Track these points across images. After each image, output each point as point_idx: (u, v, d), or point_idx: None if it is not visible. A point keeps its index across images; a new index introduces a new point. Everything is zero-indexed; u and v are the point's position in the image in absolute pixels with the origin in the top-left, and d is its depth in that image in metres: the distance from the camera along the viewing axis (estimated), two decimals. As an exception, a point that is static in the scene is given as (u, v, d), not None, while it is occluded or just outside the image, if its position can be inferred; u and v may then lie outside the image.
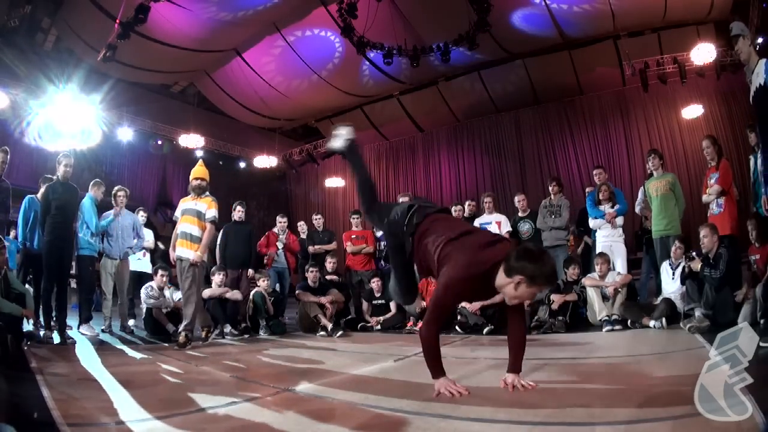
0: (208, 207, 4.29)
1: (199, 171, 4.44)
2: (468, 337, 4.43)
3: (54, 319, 4.38)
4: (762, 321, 3.14)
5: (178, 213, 4.40)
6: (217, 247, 5.92)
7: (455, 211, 6.15)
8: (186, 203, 4.35)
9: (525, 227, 5.84)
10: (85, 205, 5.02)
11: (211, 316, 5.11)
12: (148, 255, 6.02)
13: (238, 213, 5.96)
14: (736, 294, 3.70)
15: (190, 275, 4.15)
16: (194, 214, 4.27)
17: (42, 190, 4.80)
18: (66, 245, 4.42)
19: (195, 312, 4.11)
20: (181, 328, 4.08)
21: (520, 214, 5.96)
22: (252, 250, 5.94)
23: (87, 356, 3.53)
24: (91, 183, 5.33)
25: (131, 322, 5.45)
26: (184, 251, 4.20)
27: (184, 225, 4.26)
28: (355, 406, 1.84)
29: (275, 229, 6.46)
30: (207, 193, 4.38)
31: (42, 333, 4.20)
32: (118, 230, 5.29)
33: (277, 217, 6.54)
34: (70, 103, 8.39)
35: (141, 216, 6.03)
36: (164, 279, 4.97)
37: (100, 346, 4.16)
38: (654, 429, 1.43)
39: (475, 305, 4.72)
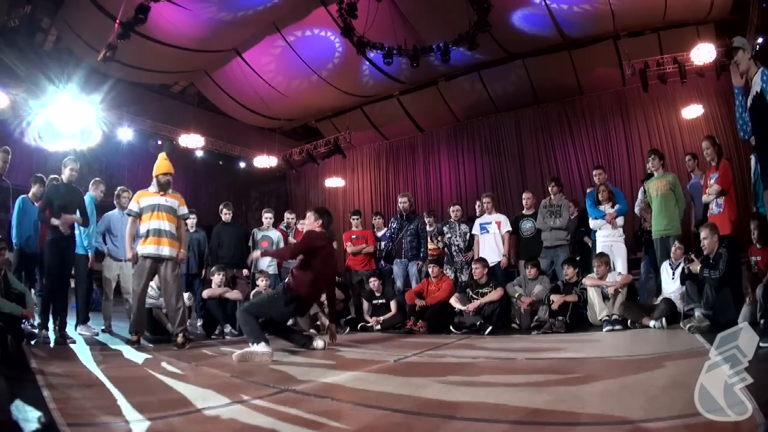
0: (181, 204, 4.35)
1: (166, 165, 4.35)
2: (467, 337, 4.43)
3: (53, 318, 4.38)
4: (762, 321, 3.14)
5: (136, 208, 4.21)
6: (207, 248, 5.98)
7: (455, 212, 6.17)
8: (152, 198, 4.22)
9: (527, 225, 5.84)
10: (86, 204, 5.01)
11: (212, 315, 5.13)
12: None
13: (225, 215, 6.02)
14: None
15: (178, 273, 4.26)
16: (169, 210, 4.23)
17: (33, 189, 4.80)
18: (68, 245, 4.41)
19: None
20: (177, 329, 4.10)
21: (524, 212, 5.96)
22: (244, 249, 5.96)
23: (86, 356, 3.53)
24: (91, 182, 5.32)
25: None
26: (170, 250, 4.16)
27: (162, 222, 4.16)
28: (355, 406, 1.84)
29: (282, 226, 6.47)
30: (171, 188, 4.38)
31: (42, 333, 4.20)
32: (122, 231, 5.29)
33: (285, 214, 6.56)
34: (70, 103, 8.37)
35: None
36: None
37: (100, 346, 4.16)
38: (654, 429, 1.43)
39: (471, 306, 4.73)
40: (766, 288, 3.22)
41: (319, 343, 3.70)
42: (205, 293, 5.21)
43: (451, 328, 4.75)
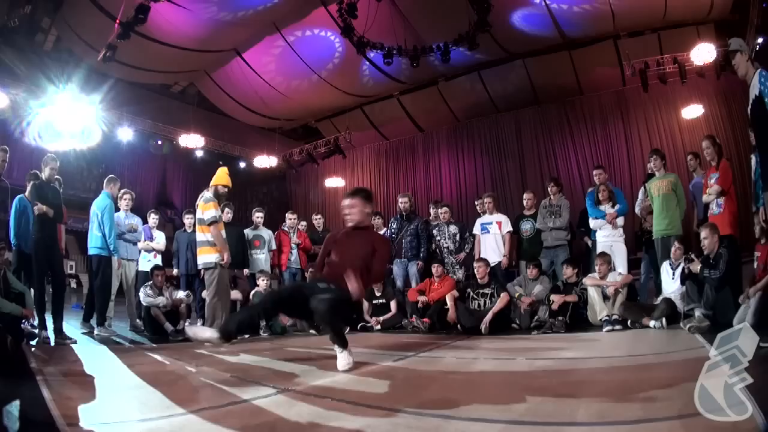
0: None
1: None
2: (467, 337, 4.43)
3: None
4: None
5: (218, 216, 4.41)
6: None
7: (442, 213, 6.16)
8: (218, 210, 4.44)
9: (526, 226, 5.84)
10: (107, 207, 4.97)
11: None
12: (159, 256, 6.02)
13: (227, 214, 6.01)
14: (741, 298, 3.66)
15: None
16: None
17: (29, 187, 4.79)
18: (54, 243, 4.39)
19: None
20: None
21: (525, 212, 5.96)
22: (245, 250, 5.96)
23: (86, 356, 3.53)
24: (107, 179, 5.26)
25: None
26: None
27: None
28: (355, 406, 1.83)
29: (284, 227, 6.45)
30: None
31: (41, 333, 4.19)
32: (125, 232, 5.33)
33: (287, 214, 6.55)
34: (70, 103, 8.38)
35: (153, 218, 6.03)
36: (161, 279, 4.99)
37: (99, 346, 4.16)
38: (654, 429, 1.43)
39: (483, 325, 4.66)
40: (764, 296, 3.17)
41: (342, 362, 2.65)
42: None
43: (458, 327, 4.76)
